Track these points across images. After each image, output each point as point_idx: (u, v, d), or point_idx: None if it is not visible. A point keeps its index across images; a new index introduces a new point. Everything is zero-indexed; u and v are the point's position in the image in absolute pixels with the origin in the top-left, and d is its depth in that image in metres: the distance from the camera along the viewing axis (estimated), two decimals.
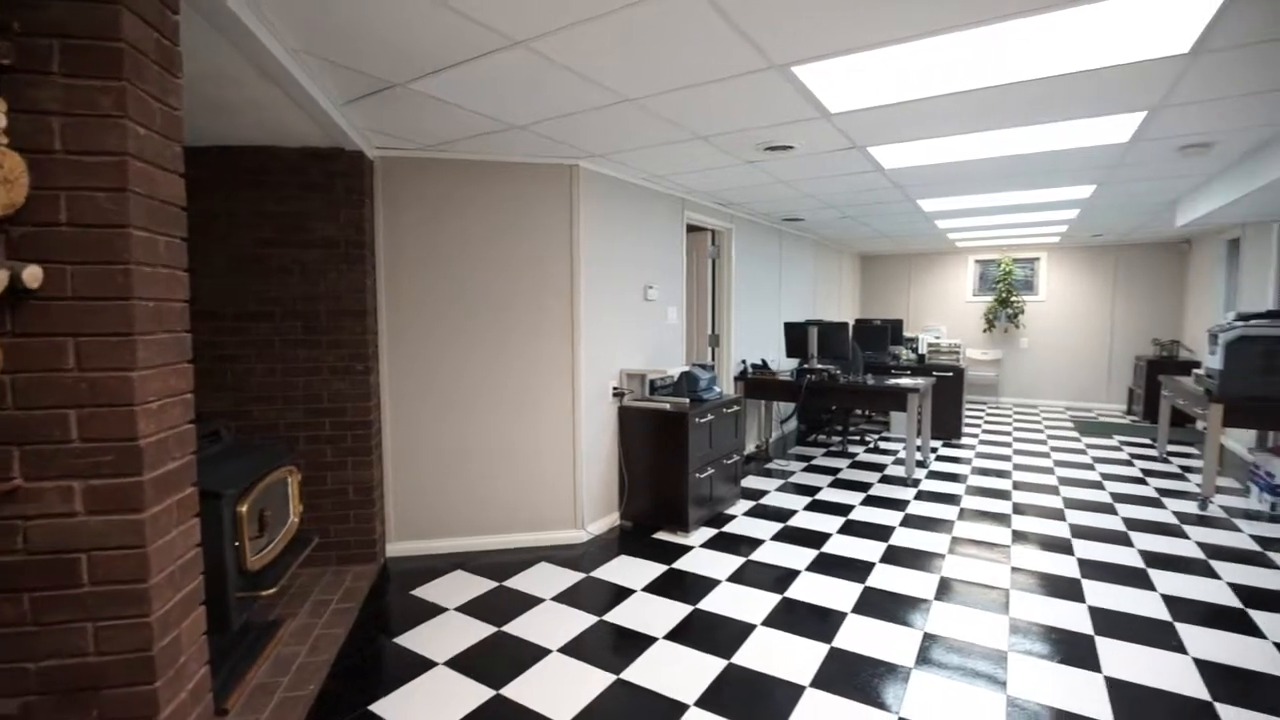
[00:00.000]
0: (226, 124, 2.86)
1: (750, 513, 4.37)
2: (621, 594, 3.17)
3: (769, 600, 3.08)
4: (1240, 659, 2.57)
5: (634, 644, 2.71)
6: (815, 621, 2.88)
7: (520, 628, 2.85)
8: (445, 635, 2.79)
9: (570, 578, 3.36)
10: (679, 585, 3.27)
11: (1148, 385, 7.52)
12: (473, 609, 3.02)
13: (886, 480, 5.12)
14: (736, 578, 3.34)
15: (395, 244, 3.53)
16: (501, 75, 2.43)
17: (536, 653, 2.64)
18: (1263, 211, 4.82)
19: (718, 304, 5.65)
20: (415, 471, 3.63)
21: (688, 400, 4.02)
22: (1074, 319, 8.97)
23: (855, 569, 3.43)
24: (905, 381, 5.19)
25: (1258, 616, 2.92)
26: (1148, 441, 6.58)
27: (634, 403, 4.11)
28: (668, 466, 3.93)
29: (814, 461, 5.74)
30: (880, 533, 3.96)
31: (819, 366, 5.41)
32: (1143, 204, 5.46)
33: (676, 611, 2.98)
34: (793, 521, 4.18)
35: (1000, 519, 4.22)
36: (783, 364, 6.47)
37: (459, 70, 2.38)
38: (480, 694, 2.37)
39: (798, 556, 3.60)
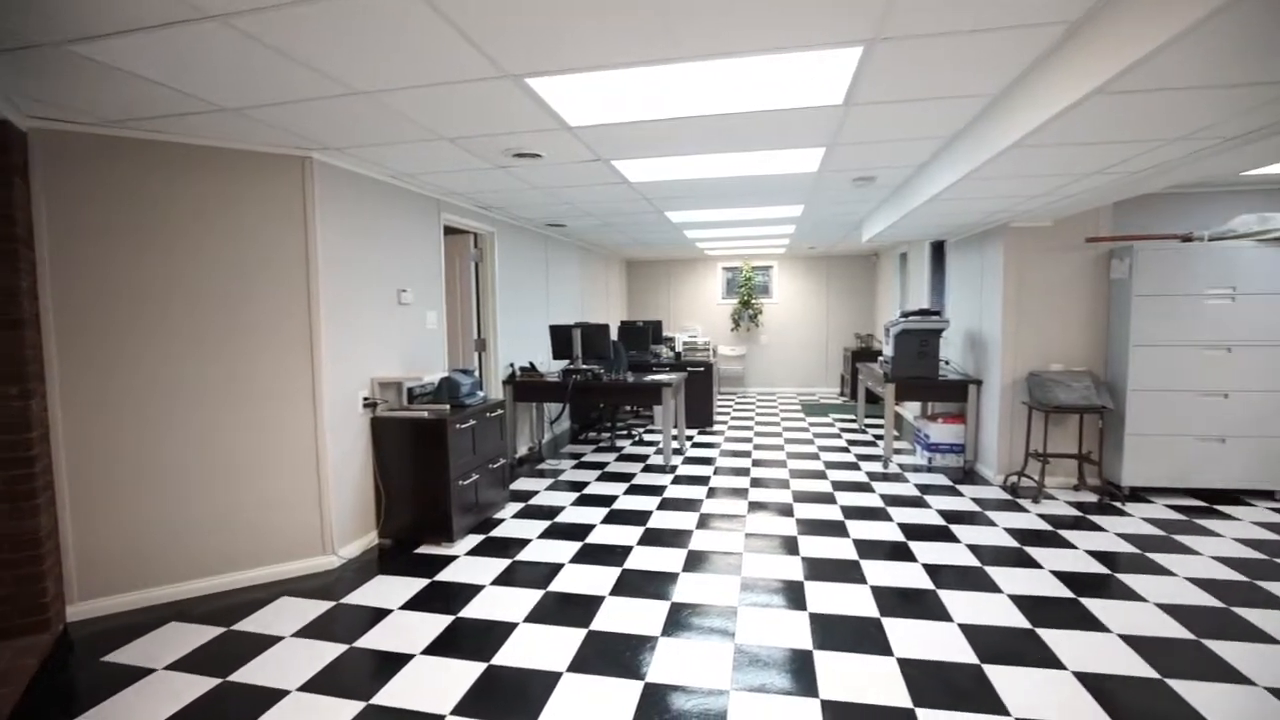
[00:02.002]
0: None
1: (520, 514, 4.40)
2: (377, 616, 2.99)
3: (533, 597, 3.14)
4: (901, 581, 3.27)
5: (389, 665, 2.57)
6: (576, 610, 3.01)
7: (252, 673, 2.53)
8: (151, 701, 2.37)
9: (317, 608, 3.07)
10: (441, 597, 3.17)
11: (852, 371, 9.16)
12: (190, 664, 2.61)
13: (648, 469, 5.53)
14: (502, 580, 3.35)
15: (68, 237, 2.89)
16: (198, 49, 2.13)
17: (271, 697, 2.37)
18: (914, 232, 6.16)
19: (483, 308, 5.59)
20: (108, 512, 3.01)
21: (448, 407, 3.91)
22: (801, 317, 10.56)
23: (615, 554, 3.65)
24: (660, 377, 5.66)
25: (914, 546, 3.74)
26: (852, 417, 8.02)
27: (389, 413, 3.89)
28: (429, 477, 3.78)
29: (584, 458, 5.97)
30: (640, 518, 4.27)
31: (584, 367, 5.65)
32: (838, 222, 6.63)
33: (437, 624, 2.90)
34: (561, 518, 4.31)
35: (740, 493, 4.82)
36: (553, 366, 6.63)
37: (139, 37, 2.04)
38: None
39: (563, 550, 3.73)
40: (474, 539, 3.94)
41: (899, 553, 3.66)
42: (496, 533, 4.05)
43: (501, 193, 4.68)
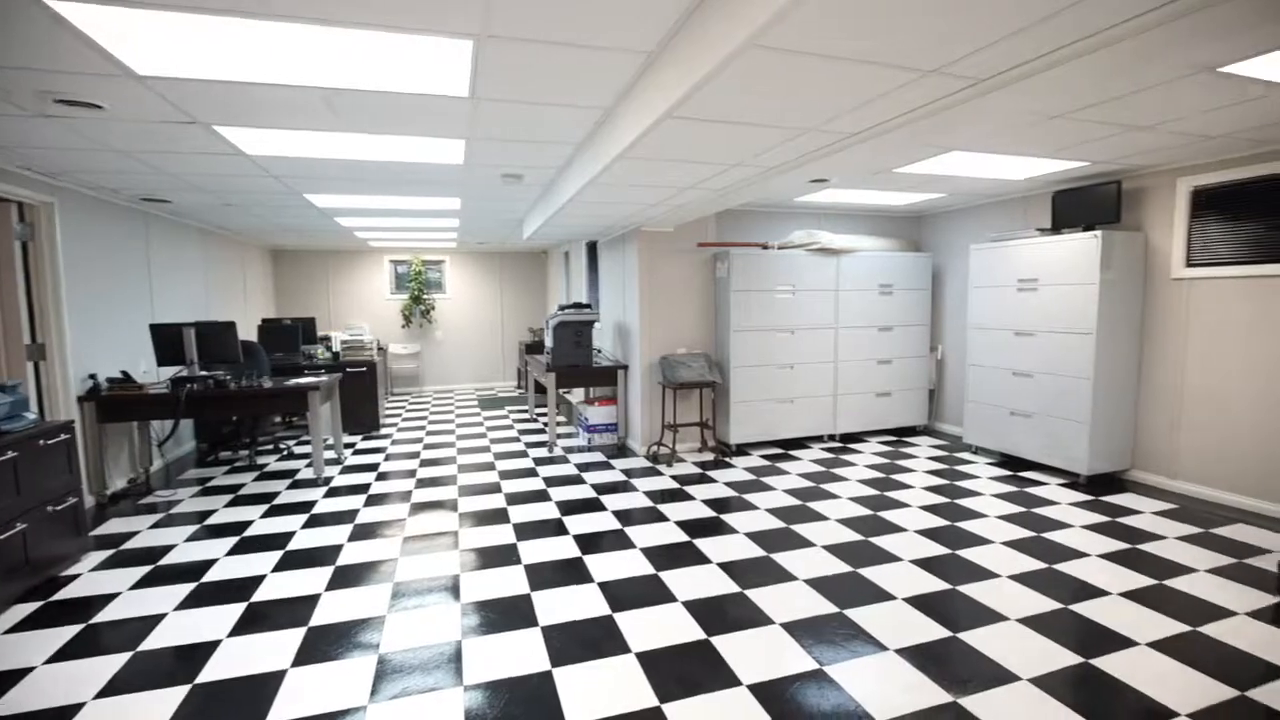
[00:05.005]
0: None
1: (107, 564, 3.47)
2: None
3: (114, 664, 2.50)
4: (553, 554, 3.50)
5: None
6: (178, 665, 2.49)
7: None
8: None
9: None
10: None
11: (525, 364, 9.50)
12: None
13: (297, 485, 4.90)
14: (66, 653, 2.59)
15: None
16: None
17: None
18: (567, 232, 6.64)
19: (40, 303, 4.23)
20: None
21: None
22: (476, 313, 10.54)
23: (241, 589, 3.13)
24: (304, 380, 5.05)
25: (568, 520, 4.04)
26: (526, 408, 8.32)
27: None
28: None
29: (212, 483, 5.00)
30: (279, 541, 3.75)
31: (202, 374, 4.71)
32: (500, 219, 6.77)
33: None
34: (169, 559, 3.53)
35: (404, 496, 4.59)
36: (164, 374, 5.39)
37: None
38: None
39: (167, 597, 3.05)
40: (24, 609, 2.96)
41: (555, 529, 3.91)
42: (65, 594, 3.12)
43: (56, 151, 3.60)
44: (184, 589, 3.14)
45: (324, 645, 2.61)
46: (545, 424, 7.20)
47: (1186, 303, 4.39)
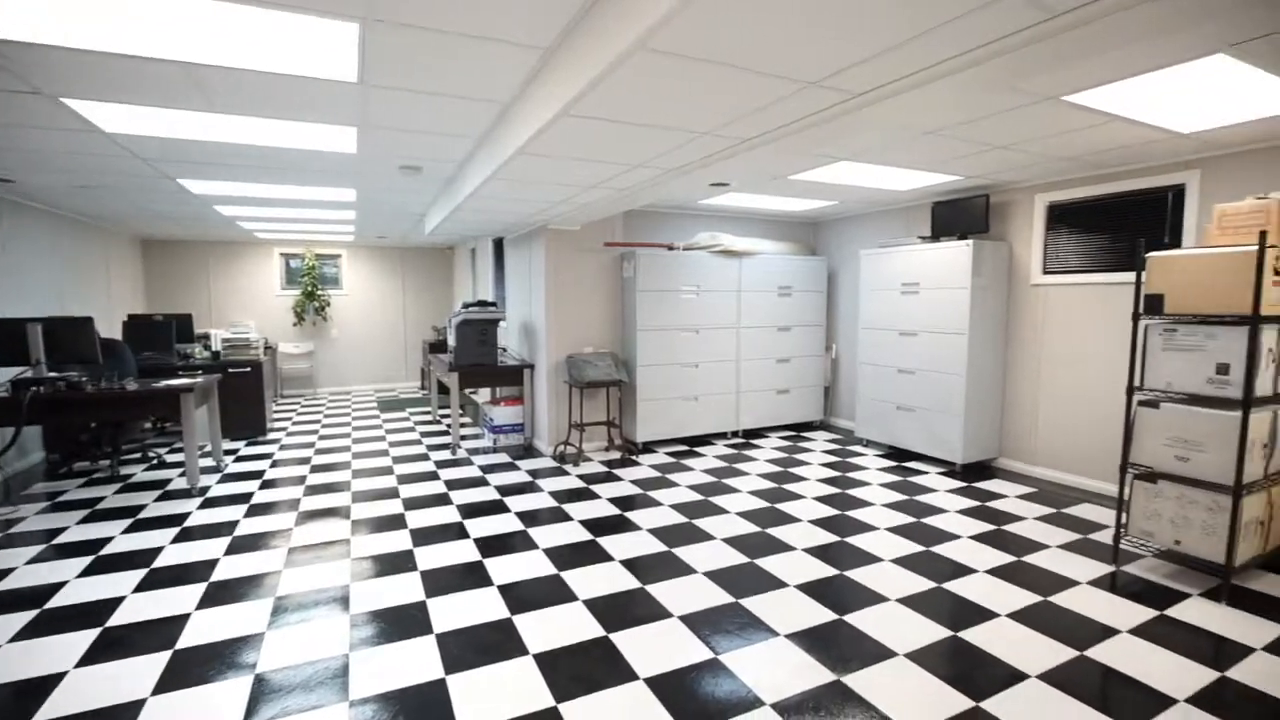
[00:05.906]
0: None
1: None
2: None
3: None
4: (451, 559, 3.40)
5: None
6: (9, 704, 2.21)
7: None
8: None
9: None
10: None
11: (429, 364, 9.17)
12: None
13: (167, 496, 4.48)
14: None
15: None
16: None
17: None
18: (470, 228, 6.47)
19: None
20: None
21: None
22: (375, 310, 10.05)
23: (94, 613, 2.83)
24: (176, 382, 4.62)
25: (470, 524, 3.94)
26: (429, 410, 8.04)
27: None
28: None
29: (64, 497, 4.48)
30: (143, 558, 3.42)
31: (51, 375, 4.22)
32: (400, 213, 6.50)
33: None
34: (4, 585, 3.12)
35: (291, 504, 4.31)
36: (3, 376, 4.77)
37: None
38: None
39: None
40: None
41: (455, 533, 3.79)
42: None
43: None
44: (22, 617, 2.79)
45: (192, 668, 2.40)
46: (449, 425, 6.98)
47: (1043, 307, 4.87)
